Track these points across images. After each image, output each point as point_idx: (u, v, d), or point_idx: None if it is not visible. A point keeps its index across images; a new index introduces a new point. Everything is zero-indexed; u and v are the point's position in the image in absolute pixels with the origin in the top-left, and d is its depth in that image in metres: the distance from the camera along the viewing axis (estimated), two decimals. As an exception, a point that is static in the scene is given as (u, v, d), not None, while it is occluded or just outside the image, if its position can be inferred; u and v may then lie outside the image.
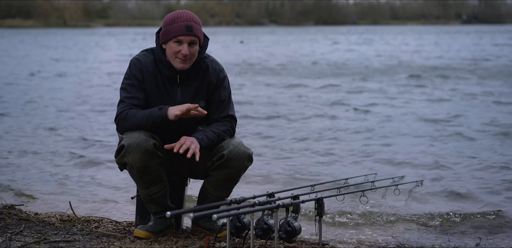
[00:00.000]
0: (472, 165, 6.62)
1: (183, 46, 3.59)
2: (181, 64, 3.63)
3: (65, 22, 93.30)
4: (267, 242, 3.46)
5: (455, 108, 11.10)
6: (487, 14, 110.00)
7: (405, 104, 11.90)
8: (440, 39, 45.55)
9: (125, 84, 3.69)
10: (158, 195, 3.69)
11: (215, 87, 3.76)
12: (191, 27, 3.58)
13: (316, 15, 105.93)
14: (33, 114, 10.88)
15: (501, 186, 5.73)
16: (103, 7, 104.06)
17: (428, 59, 24.58)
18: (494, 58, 24.60)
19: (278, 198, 3.48)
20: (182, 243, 3.61)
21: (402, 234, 4.38)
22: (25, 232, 3.79)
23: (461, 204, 5.16)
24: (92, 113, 10.90)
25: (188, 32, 3.57)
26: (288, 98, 12.91)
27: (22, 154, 7.37)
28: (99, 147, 7.75)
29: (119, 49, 34.46)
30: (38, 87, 15.64)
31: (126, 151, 3.53)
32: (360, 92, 14.10)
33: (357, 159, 7.04)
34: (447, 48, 32.81)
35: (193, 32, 3.58)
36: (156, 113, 3.55)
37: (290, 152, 7.44)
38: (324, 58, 25.60)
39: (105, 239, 3.70)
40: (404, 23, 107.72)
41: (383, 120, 9.91)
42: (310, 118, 10.20)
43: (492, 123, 9.34)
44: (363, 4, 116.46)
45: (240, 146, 3.67)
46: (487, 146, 7.68)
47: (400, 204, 5.09)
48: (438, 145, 7.81)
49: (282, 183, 5.90)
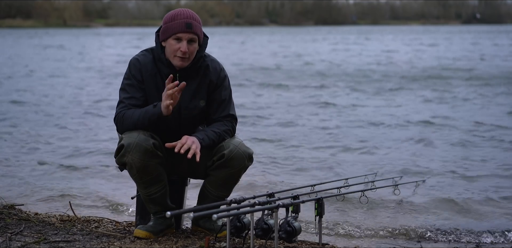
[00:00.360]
0: (472, 165, 6.62)
1: (183, 43, 3.59)
2: (180, 62, 3.63)
3: (65, 22, 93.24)
4: (267, 242, 3.46)
5: (447, 110, 11.10)
6: (487, 14, 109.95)
7: (405, 104, 11.90)
8: (434, 39, 45.47)
9: (124, 85, 3.69)
10: (158, 195, 3.69)
11: (216, 86, 3.76)
12: (190, 24, 3.58)
13: (316, 15, 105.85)
14: (32, 112, 10.90)
15: (501, 185, 5.73)
16: (103, 7, 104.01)
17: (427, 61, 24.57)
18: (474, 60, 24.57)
19: (278, 198, 3.48)
20: (182, 243, 3.61)
21: (402, 234, 4.38)
22: (25, 232, 3.79)
23: (461, 204, 5.16)
24: (92, 113, 10.90)
25: (188, 29, 3.57)
26: (287, 97, 12.92)
27: (22, 154, 7.38)
28: (99, 147, 7.75)
29: (116, 49, 34.43)
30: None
31: (125, 150, 3.53)
32: (357, 92, 14.11)
33: (357, 159, 7.04)
34: (441, 49, 32.76)
35: (192, 30, 3.58)
36: (151, 110, 3.54)
37: (290, 152, 7.44)
38: (319, 59, 25.57)
39: (105, 239, 3.70)
40: (404, 23, 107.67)
41: (382, 120, 9.91)
42: (309, 118, 10.20)
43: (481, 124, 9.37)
44: (363, 4, 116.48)
45: (240, 146, 3.67)
46: (488, 147, 7.68)
47: (400, 205, 5.08)
48: (438, 145, 7.81)
49: (282, 183, 5.90)
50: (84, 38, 51.92)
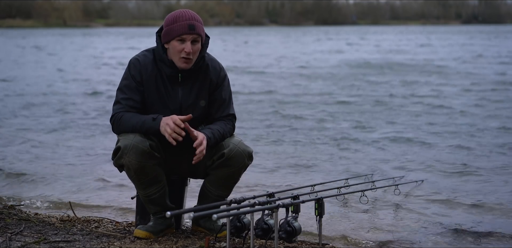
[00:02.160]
0: (472, 166, 6.62)
1: (187, 44, 3.60)
2: (184, 64, 3.64)
3: (65, 22, 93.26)
4: (267, 242, 3.47)
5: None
6: (487, 14, 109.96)
7: (404, 104, 11.90)
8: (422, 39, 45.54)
9: (123, 85, 3.69)
10: (157, 195, 3.69)
11: (216, 86, 3.77)
12: (193, 25, 3.59)
13: (316, 15, 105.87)
14: (32, 112, 10.90)
15: (501, 185, 5.74)
16: (103, 7, 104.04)
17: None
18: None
19: (278, 198, 3.49)
20: (182, 243, 3.61)
21: (403, 234, 4.38)
22: (25, 232, 3.79)
23: (461, 204, 5.16)
24: (92, 113, 10.90)
25: (191, 31, 3.59)
26: (283, 97, 12.93)
27: (22, 153, 7.37)
28: (100, 146, 7.75)
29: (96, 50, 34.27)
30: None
31: (122, 152, 3.53)
32: (354, 90, 14.12)
33: (357, 159, 7.04)
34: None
35: (195, 31, 3.60)
36: (149, 123, 3.54)
37: (290, 152, 7.44)
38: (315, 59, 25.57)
39: (105, 239, 3.70)
40: (404, 23, 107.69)
41: (382, 120, 9.91)
42: (308, 117, 10.20)
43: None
44: (363, 4, 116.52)
45: (240, 145, 3.68)
46: (489, 145, 7.68)
47: (401, 205, 5.08)
48: (438, 145, 7.80)
49: (282, 183, 5.90)
50: (70, 38, 51.40)
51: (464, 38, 46.50)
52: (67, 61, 25.41)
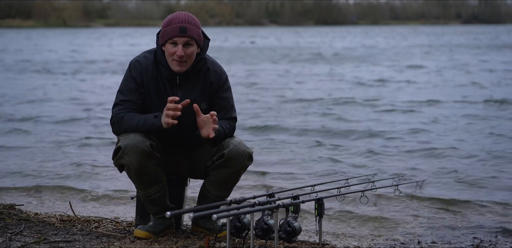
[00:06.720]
0: (472, 165, 6.62)
1: (178, 47, 3.59)
2: (178, 67, 3.63)
3: (65, 22, 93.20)
4: (267, 242, 3.47)
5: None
6: (487, 14, 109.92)
7: (404, 102, 11.91)
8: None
9: (123, 86, 3.68)
10: (157, 195, 3.69)
11: (217, 89, 3.76)
12: (185, 28, 3.58)
13: (316, 15, 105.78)
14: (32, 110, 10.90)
15: (501, 185, 5.74)
16: (103, 7, 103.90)
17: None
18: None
19: (278, 198, 3.48)
20: (182, 243, 3.61)
21: (403, 234, 4.38)
22: (25, 232, 3.79)
23: (461, 204, 5.16)
24: (92, 113, 10.90)
25: (182, 34, 3.57)
26: (283, 96, 12.93)
27: (22, 153, 7.38)
28: (100, 146, 7.75)
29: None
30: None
31: (122, 152, 3.53)
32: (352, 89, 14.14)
33: (357, 159, 7.04)
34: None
35: (186, 34, 3.58)
36: (151, 120, 3.54)
37: (290, 152, 7.44)
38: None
39: (105, 239, 3.70)
40: (404, 23, 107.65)
41: (381, 119, 9.92)
42: (308, 117, 10.20)
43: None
44: (363, 4, 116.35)
45: (240, 145, 3.67)
46: (488, 145, 7.69)
47: (401, 204, 5.08)
48: (437, 145, 7.80)
49: (282, 183, 5.90)
50: (52, 38, 50.83)
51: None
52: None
